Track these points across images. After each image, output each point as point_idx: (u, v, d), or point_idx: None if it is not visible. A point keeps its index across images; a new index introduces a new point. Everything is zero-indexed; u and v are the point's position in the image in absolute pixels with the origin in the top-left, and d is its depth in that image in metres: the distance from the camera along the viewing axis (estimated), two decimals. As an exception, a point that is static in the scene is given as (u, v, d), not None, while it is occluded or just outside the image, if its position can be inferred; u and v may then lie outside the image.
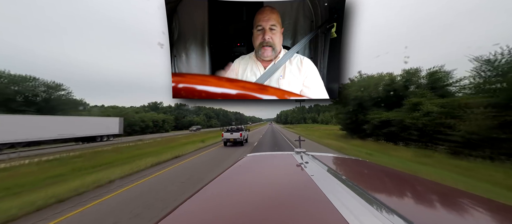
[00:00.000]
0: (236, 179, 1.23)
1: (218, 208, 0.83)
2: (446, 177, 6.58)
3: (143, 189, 5.77)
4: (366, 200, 0.71)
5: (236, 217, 0.71)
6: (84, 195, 5.32)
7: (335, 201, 0.73)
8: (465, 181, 6.30)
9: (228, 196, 0.98)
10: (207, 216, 0.76)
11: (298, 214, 0.70)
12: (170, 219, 0.71)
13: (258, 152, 2.17)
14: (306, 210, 0.74)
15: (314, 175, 1.08)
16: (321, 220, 0.65)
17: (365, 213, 0.62)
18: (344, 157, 1.99)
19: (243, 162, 1.64)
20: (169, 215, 0.74)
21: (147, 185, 6.17)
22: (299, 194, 0.91)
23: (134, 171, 7.84)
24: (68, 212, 4.32)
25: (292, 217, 0.69)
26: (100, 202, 4.85)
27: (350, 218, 0.60)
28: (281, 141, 20.14)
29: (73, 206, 4.62)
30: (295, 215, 0.70)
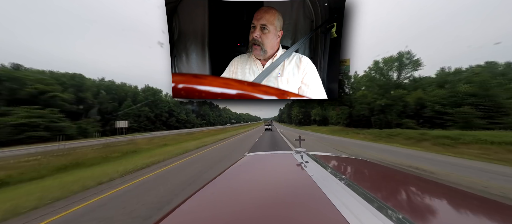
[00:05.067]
0: (236, 179, 1.24)
1: (218, 207, 0.83)
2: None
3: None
4: (367, 200, 0.71)
5: (236, 217, 0.72)
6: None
7: (335, 200, 0.73)
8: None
9: (228, 195, 0.98)
10: (207, 215, 0.76)
11: (298, 213, 0.71)
12: (171, 218, 0.71)
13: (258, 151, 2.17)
14: (306, 209, 0.74)
15: (314, 174, 1.08)
16: (322, 219, 0.65)
17: (365, 212, 0.63)
18: (344, 156, 1.99)
19: (243, 161, 1.64)
20: (169, 214, 0.74)
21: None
22: (299, 194, 0.91)
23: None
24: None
25: (292, 216, 0.69)
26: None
27: (350, 218, 0.60)
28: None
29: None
30: (295, 214, 0.70)
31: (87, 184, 6.05)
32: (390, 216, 0.60)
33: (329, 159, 1.72)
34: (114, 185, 6.02)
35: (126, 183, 6.15)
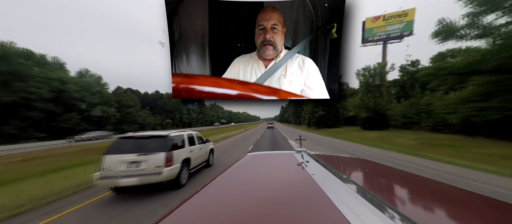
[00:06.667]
0: (237, 178, 1.24)
1: (219, 207, 0.84)
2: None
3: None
4: (367, 199, 0.71)
5: (237, 216, 0.72)
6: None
7: (336, 200, 0.73)
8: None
9: (229, 195, 0.98)
10: (208, 215, 0.76)
11: (299, 213, 0.71)
12: (171, 218, 0.71)
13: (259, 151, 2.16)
14: (307, 209, 0.74)
15: (314, 174, 1.08)
16: (322, 219, 0.65)
17: (366, 212, 0.63)
18: (345, 156, 1.99)
19: (244, 161, 1.64)
20: (170, 214, 0.74)
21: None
22: (300, 193, 0.91)
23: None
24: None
25: (293, 216, 0.69)
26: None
27: (351, 217, 0.60)
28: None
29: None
30: (296, 214, 0.70)
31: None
32: (390, 215, 0.60)
33: (330, 159, 1.72)
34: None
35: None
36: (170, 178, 4.90)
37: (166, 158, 4.82)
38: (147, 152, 4.78)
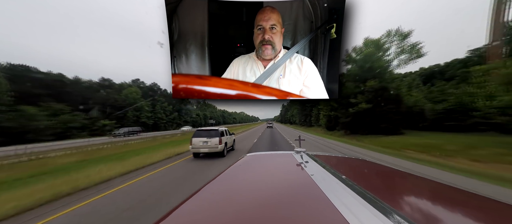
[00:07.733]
0: (236, 179, 1.24)
1: (218, 207, 0.83)
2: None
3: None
4: (366, 200, 0.71)
5: (236, 216, 0.72)
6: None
7: (335, 200, 0.73)
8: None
9: (228, 195, 0.98)
10: (208, 215, 0.76)
11: (298, 213, 0.71)
12: (171, 219, 0.71)
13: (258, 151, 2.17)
14: (306, 209, 0.74)
15: (314, 174, 1.08)
16: (321, 219, 0.65)
17: (365, 212, 0.63)
18: (344, 156, 1.99)
19: (243, 161, 1.64)
20: (169, 215, 0.74)
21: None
22: (299, 194, 0.91)
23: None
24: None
25: (292, 216, 0.69)
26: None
27: (350, 218, 0.60)
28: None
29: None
30: (295, 214, 0.70)
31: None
32: (389, 216, 0.60)
33: (329, 159, 1.72)
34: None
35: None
36: (220, 150, 9.84)
37: (219, 140, 9.79)
38: (210, 137, 9.80)
